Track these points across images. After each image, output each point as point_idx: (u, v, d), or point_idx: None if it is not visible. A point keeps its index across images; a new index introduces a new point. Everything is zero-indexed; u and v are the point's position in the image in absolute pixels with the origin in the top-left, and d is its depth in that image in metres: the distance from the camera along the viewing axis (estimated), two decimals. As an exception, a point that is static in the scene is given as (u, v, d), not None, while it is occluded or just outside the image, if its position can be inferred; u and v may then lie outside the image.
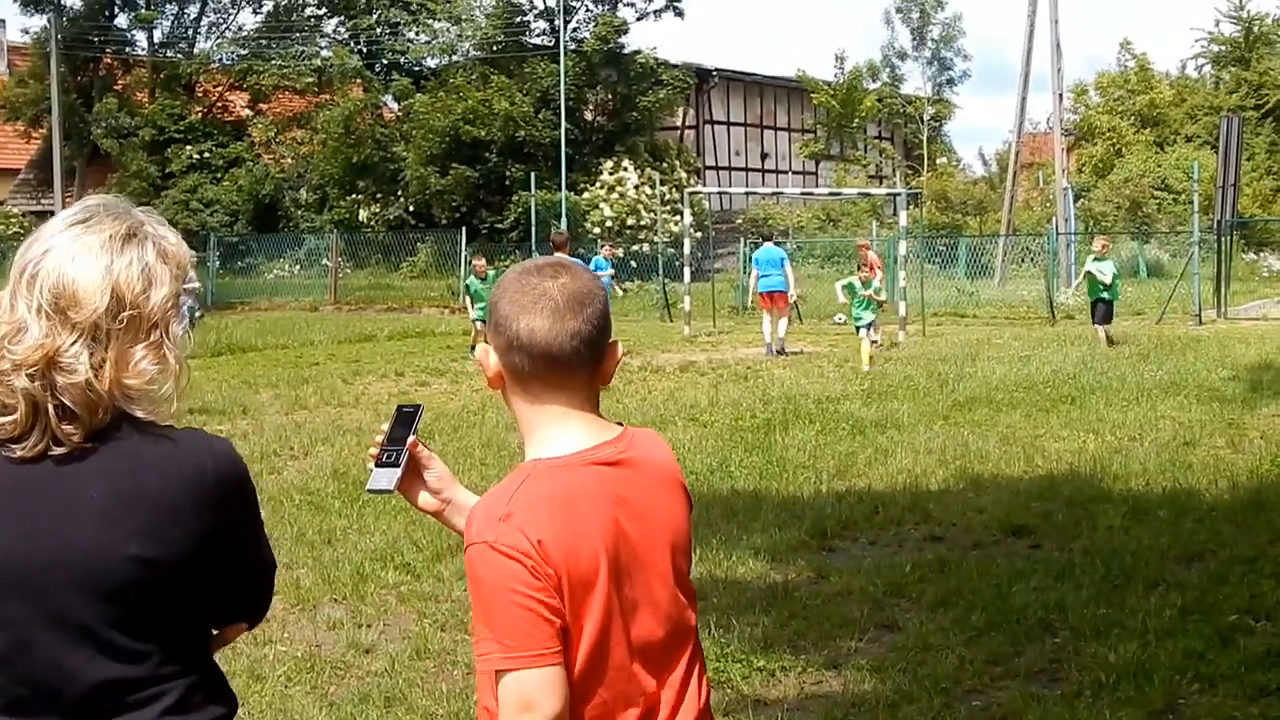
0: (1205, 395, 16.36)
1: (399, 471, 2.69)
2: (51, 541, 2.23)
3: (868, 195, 43.54)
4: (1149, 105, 57.71)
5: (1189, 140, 55.17)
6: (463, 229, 42.74)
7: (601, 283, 2.57)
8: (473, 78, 49.07)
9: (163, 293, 2.34)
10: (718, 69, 56.30)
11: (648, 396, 17.98)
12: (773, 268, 25.10)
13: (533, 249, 38.23)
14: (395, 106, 53.56)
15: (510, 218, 46.01)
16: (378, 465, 2.70)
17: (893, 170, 59.83)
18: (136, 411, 2.31)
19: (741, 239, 39.49)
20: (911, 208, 37.75)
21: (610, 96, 50.00)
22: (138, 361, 2.29)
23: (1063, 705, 6.27)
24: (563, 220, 40.48)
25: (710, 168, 55.48)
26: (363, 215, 50.70)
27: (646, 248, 43.36)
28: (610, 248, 31.62)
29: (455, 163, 46.49)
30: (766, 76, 59.82)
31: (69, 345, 2.25)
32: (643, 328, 30.56)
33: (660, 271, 36.47)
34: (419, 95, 49.41)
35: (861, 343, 21.63)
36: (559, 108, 44.39)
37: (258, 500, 2.50)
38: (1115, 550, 8.92)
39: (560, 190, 43.09)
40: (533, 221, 40.45)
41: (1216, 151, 36.95)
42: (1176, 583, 8.17)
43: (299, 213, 52.49)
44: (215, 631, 2.52)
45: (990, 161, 66.30)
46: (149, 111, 53.53)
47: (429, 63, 53.73)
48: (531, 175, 42.34)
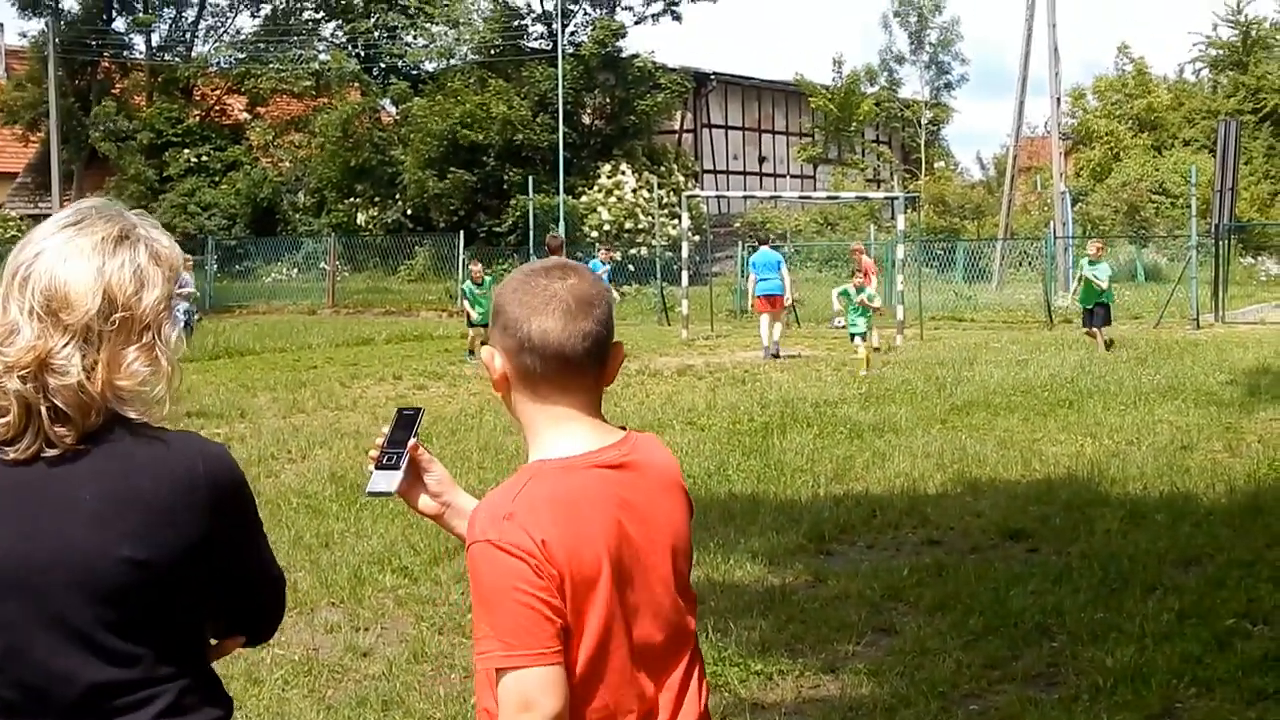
0: (1203, 399, 16.36)
1: (399, 474, 2.67)
2: (50, 542, 2.23)
3: (865, 199, 43.51)
4: (1147, 109, 57.75)
5: (1187, 144, 55.22)
6: (460, 233, 42.72)
7: (605, 283, 2.58)
8: (470, 81, 49.08)
9: (155, 294, 2.34)
10: (716, 73, 56.33)
11: (645, 400, 17.99)
12: (770, 271, 25.13)
13: (530, 253, 38.20)
14: (393, 110, 53.57)
15: (508, 221, 46.02)
16: (378, 468, 2.69)
17: (890, 174, 59.86)
18: (129, 413, 2.30)
19: (739, 243, 39.50)
20: (909, 211, 37.82)
21: (608, 100, 50.02)
22: (130, 363, 2.29)
23: (1060, 709, 6.27)
24: (560, 224, 40.48)
25: (708, 171, 55.51)
26: (360, 219, 50.70)
27: (644, 251, 43.35)
28: (608, 251, 31.63)
29: (453, 166, 46.50)
30: (764, 80, 59.84)
31: (61, 347, 2.24)
32: (640, 331, 30.55)
33: (658, 275, 36.47)
34: (417, 99, 49.42)
35: (857, 349, 21.63)
36: (557, 111, 44.38)
37: (256, 508, 2.48)
38: (1113, 554, 8.91)
39: (558, 194, 43.09)
40: (531, 225, 40.45)
41: (1214, 155, 36.99)
42: (1174, 587, 8.16)
43: (297, 216, 52.48)
44: (214, 641, 2.51)
45: (988, 165, 66.40)
46: (147, 115, 53.53)
47: (427, 66, 53.74)
48: (529, 179, 42.35)
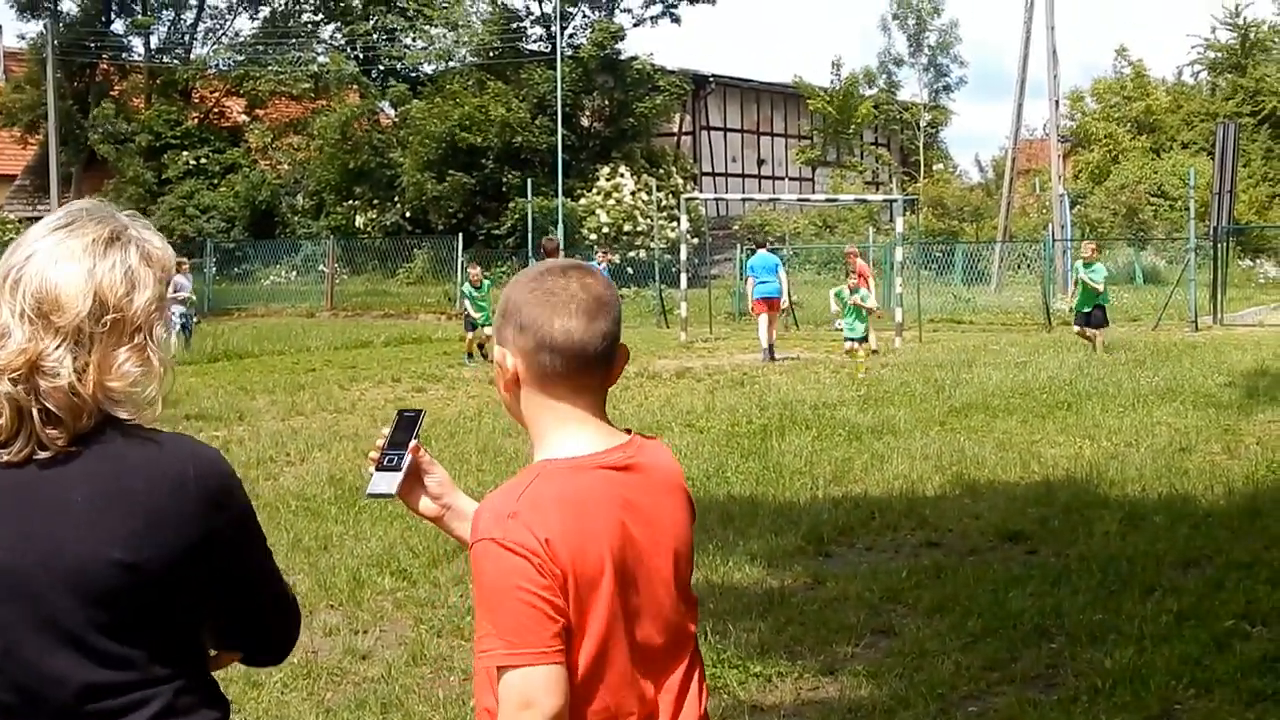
0: (1201, 401, 16.36)
1: (400, 476, 2.65)
2: (42, 545, 2.22)
3: (864, 201, 43.52)
4: (1145, 112, 57.81)
5: (1185, 147, 55.27)
6: (459, 235, 42.73)
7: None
8: (469, 84, 49.13)
9: (146, 295, 2.33)
10: (714, 75, 56.38)
11: (644, 403, 17.98)
12: (768, 274, 25.22)
13: (529, 255, 38.22)
14: (392, 113, 53.60)
15: (507, 224, 46.05)
16: (378, 469, 2.67)
17: (889, 176, 59.91)
18: (121, 414, 2.30)
19: (738, 245, 39.48)
20: (908, 214, 37.86)
21: (607, 103, 50.06)
22: (121, 364, 2.28)
23: (1059, 711, 6.27)
24: (559, 226, 40.46)
25: (707, 174, 55.55)
26: (359, 221, 50.73)
27: (643, 254, 43.36)
28: (606, 254, 31.64)
29: (452, 169, 46.52)
30: (763, 83, 59.91)
31: (52, 350, 2.24)
32: (639, 334, 30.52)
33: (657, 278, 36.45)
34: (416, 101, 49.47)
35: (857, 354, 21.56)
36: (556, 114, 44.40)
37: (254, 516, 2.45)
38: (1111, 556, 8.91)
39: (557, 196, 43.09)
40: (529, 228, 40.46)
41: (1213, 158, 36.99)
42: (1173, 588, 8.16)
43: (295, 219, 52.50)
44: (212, 652, 2.49)
45: (987, 168, 66.54)
46: (145, 117, 53.55)
47: (426, 69, 53.82)
48: (528, 182, 42.35)
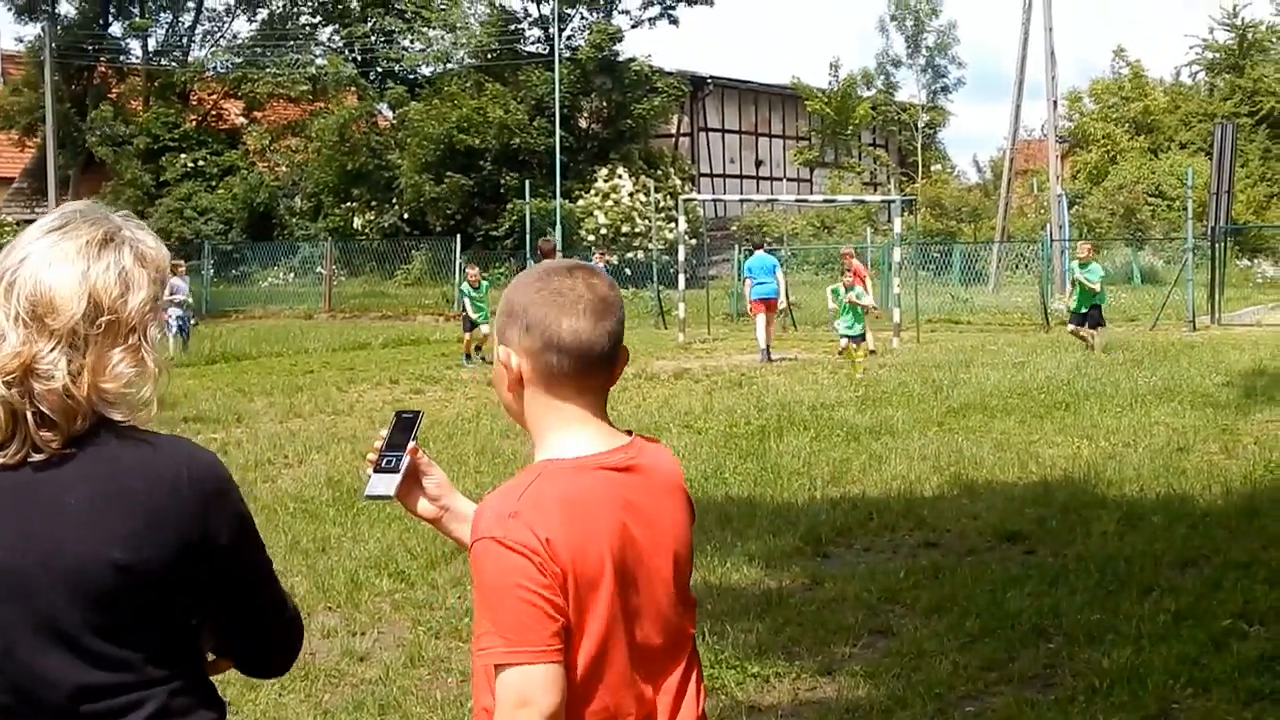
0: (1199, 401, 16.36)
1: (398, 477, 2.64)
2: (40, 546, 2.22)
3: (862, 202, 43.55)
4: (1143, 112, 57.84)
5: (1183, 147, 55.30)
6: (457, 237, 42.75)
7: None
8: (467, 86, 49.13)
9: (140, 296, 2.33)
10: (712, 77, 56.39)
11: (642, 404, 17.98)
12: (766, 275, 25.28)
13: (527, 257, 38.23)
14: (390, 114, 53.60)
15: (505, 225, 46.05)
16: (376, 471, 2.66)
17: (887, 177, 59.92)
18: (115, 416, 2.30)
19: (736, 246, 39.51)
20: (906, 214, 37.81)
21: (605, 104, 50.07)
22: (115, 364, 2.28)
23: (1057, 710, 6.27)
24: (557, 228, 40.47)
25: (705, 175, 55.55)
26: (357, 223, 50.72)
27: (641, 255, 43.38)
28: (603, 255, 31.65)
29: (450, 171, 46.52)
30: (761, 84, 59.93)
31: (46, 352, 2.23)
32: (637, 335, 30.50)
33: (655, 278, 36.45)
34: (414, 103, 49.48)
35: (855, 352, 21.49)
36: (554, 115, 44.40)
37: (249, 519, 2.43)
38: (1109, 556, 8.91)
39: (555, 198, 43.08)
40: (528, 229, 40.44)
41: (1210, 158, 37.02)
42: (1170, 588, 8.16)
43: (293, 221, 52.50)
44: (210, 657, 2.49)
45: (984, 168, 66.54)
46: (143, 120, 53.55)
47: (424, 71, 53.84)
48: (526, 183, 42.33)
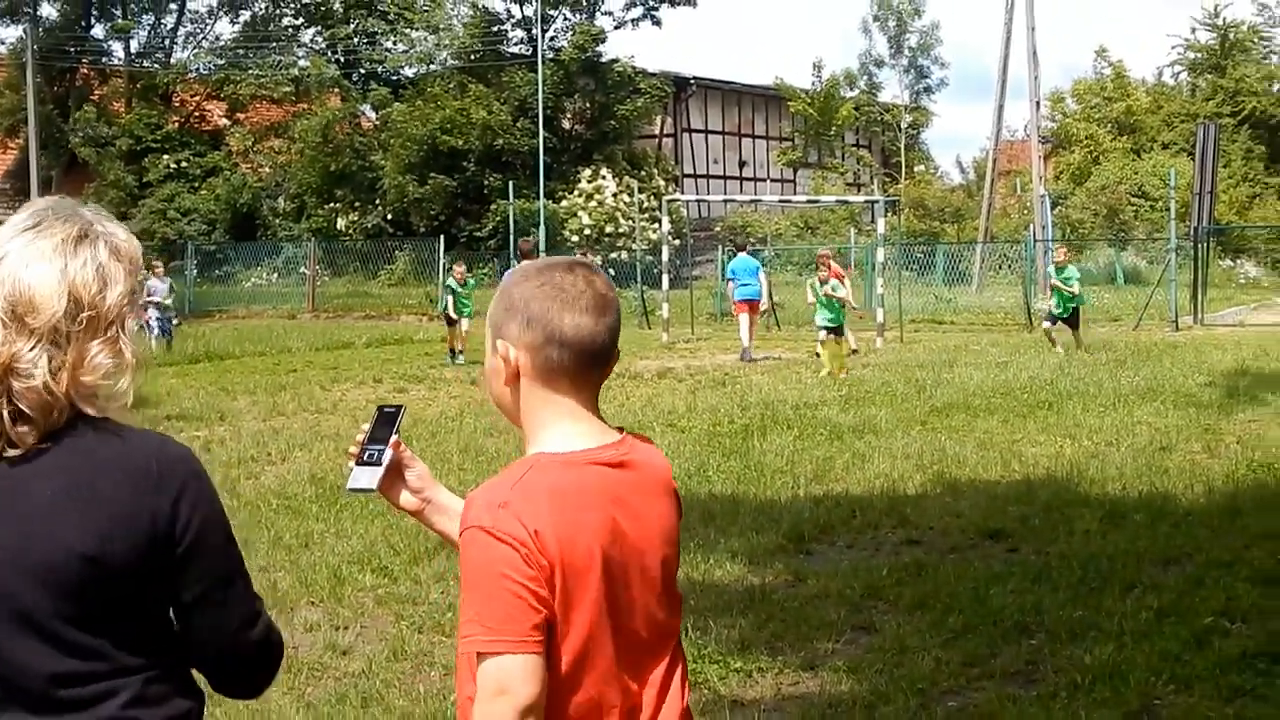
0: (1182, 401, 16.39)
1: (381, 470, 2.66)
2: (12, 538, 2.21)
3: (845, 202, 43.61)
4: (1126, 112, 57.99)
5: (1166, 147, 55.45)
6: (441, 237, 42.70)
7: None
8: (450, 87, 49.12)
9: (118, 290, 2.33)
10: (695, 78, 56.44)
11: (625, 402, 17.96)
12: (749, 276, 25.55)
13: (511, 257, 38.22)
14: (373, 116, 53.56)
15: (488, 226, 46.03)
16: (358, 464, 2.67)
17: (870, 178, 60.02)
18: (90, 410, 2.29)
19: (720, 246, 39.53)
20: (889, 215, 37.87)
21: (588, 105, 50.09)
22: (94, 357, 2.27)
23: (1039, 706, 6.27)
24: (540, 228, 40.46)
25: (688, 176, 55.58)
26: (341, 224, 50.68)
27: (624, 255, 43.37)
28: (585, 254, 31.62)
29: (433, 172, 46.50)
30: (744, 85, 60.00)
31: (26, 351, 2.23)
32: (621, 334, 30.44)
33: (638, 279, 36.44)
34: (397, 104, 49.45)
35: (826, 345, 21.37)
36: (537, 117, 44.39)
37: (223, 515, 2.41)
38: (1092, 554, 8.92)
39: (539, 199, 43.06)
40: (511, 230, 40.40)
41: (1193, 159, 37.13)
42: (1153, 586, 8.17)
43: (277, 221, 52.44)
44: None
45: (968, 169, 66.67)
46: (126, 121, 53.47)
47: (407, 72, 53.81)
48: (510, 184, 42.30)
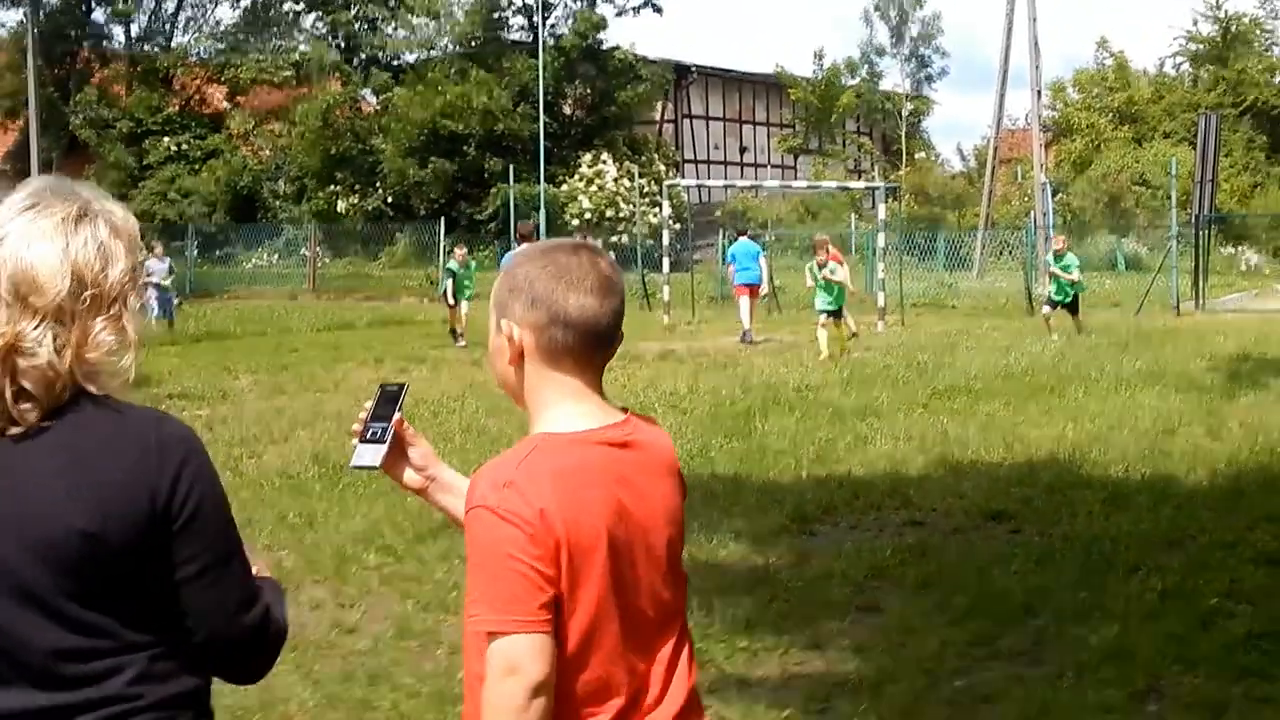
0: (1184, 385, 16.37)
1: (384, 448, 2.66)
2: (12, 515, 2.21)
3: (846, 188, 43.58)
4: (1127, 102, 57.94)
5: (1167, 137, 55.44)
6: (441, 220, 42.67)
7: None
8: (451, 72, 49.07)
9: (120, 268, 2.32)
10: (696, 65, 56.39)
11: (628, 384, 17.93)
12: (750, 261, 25.69)
13: (510, 240, 38.19)
14: (374, 100, 53.52)
15: (489, 209, 46.00)
16: (362, 442, 2.67)
17: (871, 165, 59.95)
18: (91, 387, 2.29)
19: (720, 231, 39.51)
20: (890, 201, 37.87)
21: (589, 91, 50.06)
22: (97, 334, 2.27)
23: (1045, 686, 6.28)
24: (541, 212, 40.43)
25: (689, 161, 55.54)
26: (341, 207, 50.66)
27: (625, 239, 43.36)
28: (585, 237, 31.60)
29: (434, 155, 46.49)
30: (745, 72, 59.95)
31: (30, 331, 2.22)
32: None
33: (639, 262, 36.42)
34: (398, 89, 49.39)
35: (825, 328, 21.34)
36: (537, 102, 44.34)
37: (222, 496, 2.38)
38: (1095, 535, 8.93)
39: (539, 183, 43.03)
40: (511, 213, 40.40)
41: (1194, 148, 37.11)
42: (1157, 567, 8.17)
43: (277, 203, 52.45)
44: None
45: (969, 157, 66.53)
46: (127, 104, 53.45)
47: (407, 57, 53.75)
48: (510, 168, 42.28)
